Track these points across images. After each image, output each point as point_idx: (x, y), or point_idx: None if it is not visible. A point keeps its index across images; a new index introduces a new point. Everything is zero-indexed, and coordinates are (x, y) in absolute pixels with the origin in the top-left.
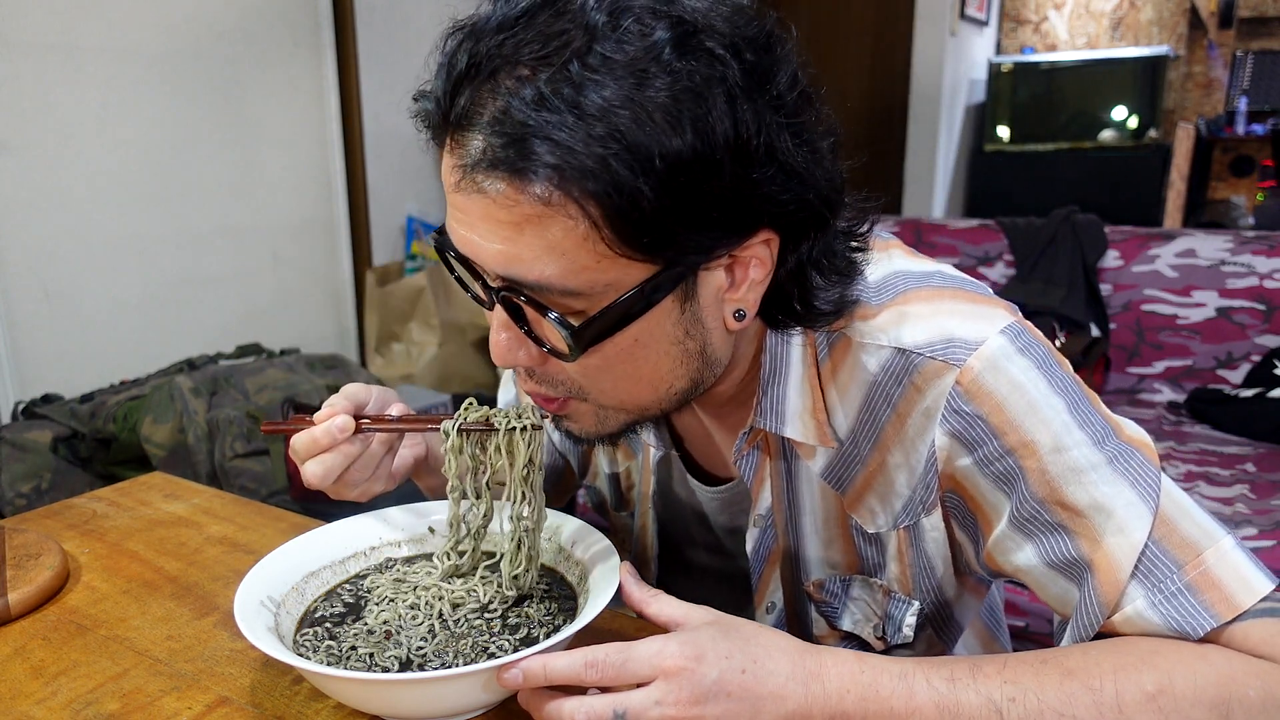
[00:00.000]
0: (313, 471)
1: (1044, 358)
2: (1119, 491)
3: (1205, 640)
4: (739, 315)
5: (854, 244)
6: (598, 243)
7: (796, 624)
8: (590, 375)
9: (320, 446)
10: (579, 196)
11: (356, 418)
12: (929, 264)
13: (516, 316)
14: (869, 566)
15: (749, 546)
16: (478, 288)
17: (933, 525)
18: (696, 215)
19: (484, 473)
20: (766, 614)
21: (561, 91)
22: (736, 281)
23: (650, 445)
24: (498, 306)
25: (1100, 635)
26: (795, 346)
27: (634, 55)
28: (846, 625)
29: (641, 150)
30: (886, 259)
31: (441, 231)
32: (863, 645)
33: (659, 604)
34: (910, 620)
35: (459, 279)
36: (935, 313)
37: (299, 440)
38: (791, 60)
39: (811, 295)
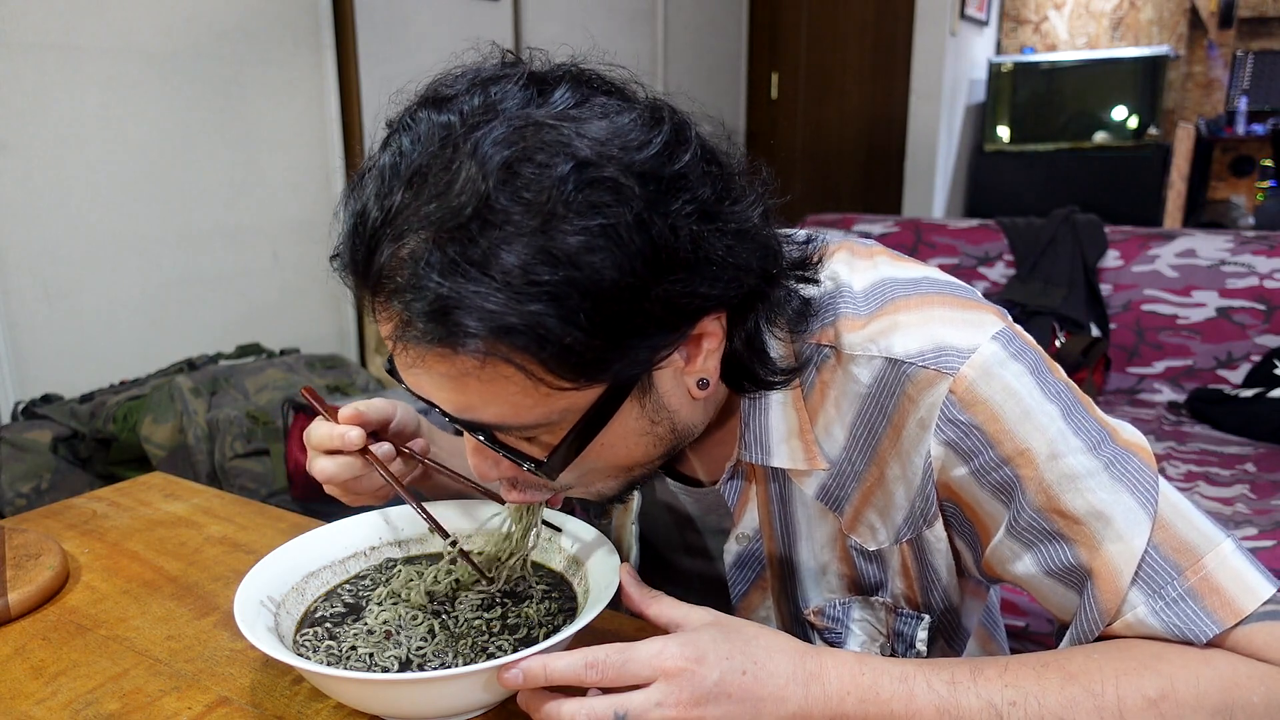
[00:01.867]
0: (320, 467)
1: (1036, 363)
2: (1117, 498)
3: (1209, 645)
4: (702, 384)
5: (805, 274)
6: (540, 385)
7: None
8: (569, 480)
9: (329, 446)
10: (510, 354)
11: (375, 434)
12: (916, 269)
13: (488, 441)
14: (868, 586)
15: (728, 560)
16: (442, 419)
17: (936, 537)
18: (633, 337)
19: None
20: None
21: (470, 255)
22: (691, 357)
23: None
24: (466, 434)
25: (1102, 640)
26: None
27: (536, 202)
28: (853, 648)
29: (563, 298)
30: (872, 267)
31: (393, 363)
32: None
33: (659, 605)
34: (923, 635)
35: (424, 400)
36: (925, 320)
37: (316, 429)
38: (699, 153)
39: (768, 358)
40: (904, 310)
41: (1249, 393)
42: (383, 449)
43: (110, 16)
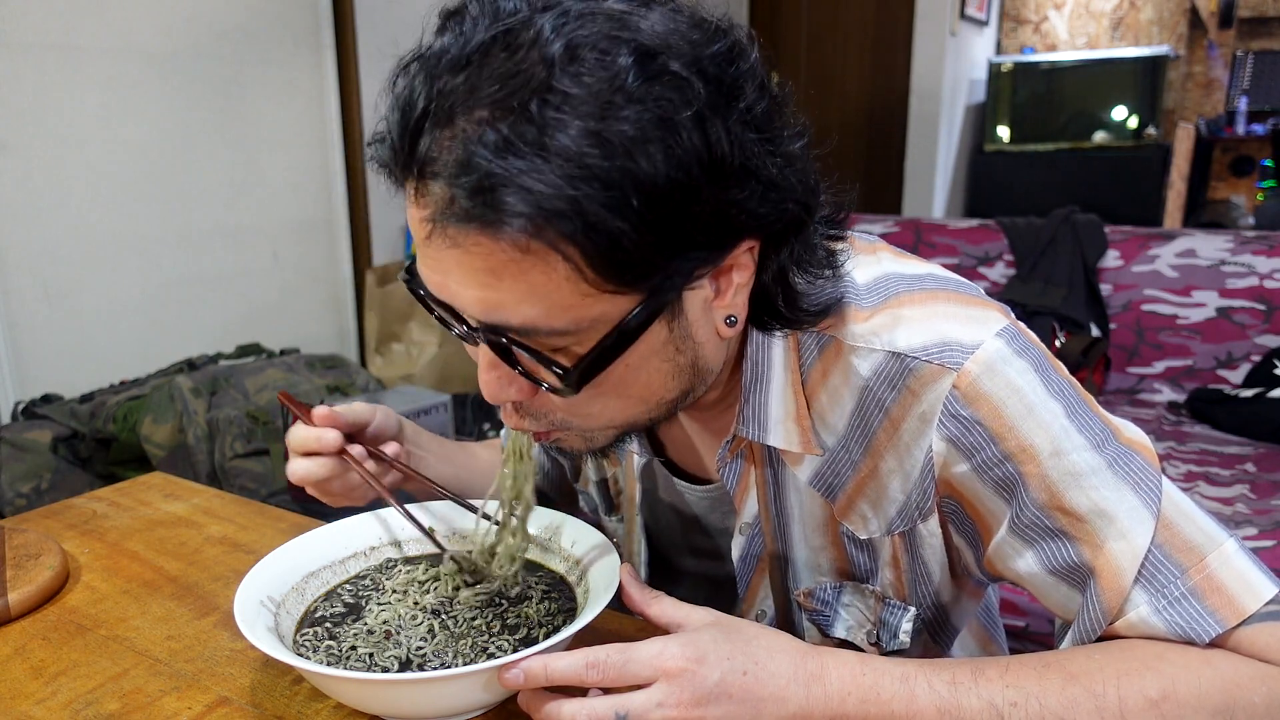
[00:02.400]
0: (294, 468)
1: (1040, 360)
2: (1120, 496)
3: (1211, 645)
4: (730, 321)
5: (831, 233)
6: (579, 282)
7: (788, 632)
8: (580, 404)
9: (306, 448)
10: (555, 241)
11: (351, 437)
12: (919, 265)
13: (505, 356)
14: (860, 573)
15: (735, 554)
16: (461, 329)
17: (930, 531)
18: (678, 242)
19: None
20: (757, 621)
21: (525, 134)
22: (722, 290)
23: (634, 452)
24: (483, 346)
25: (1103, 639)
26: (777, 351)
27: (596, 88)
28: (839, 633)
29: (615, 186)
30: (875, 261)
31: (412, 272)
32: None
33: (660, 605)
34: (907, 626)
35: (439, 318)
36: (930, 315)
37: (294, 432)
38: (757, 69)
39: (795, 295)
40: (908, 305)
41: (1249, 393)
42: (356, 451)
43: (110, 16)
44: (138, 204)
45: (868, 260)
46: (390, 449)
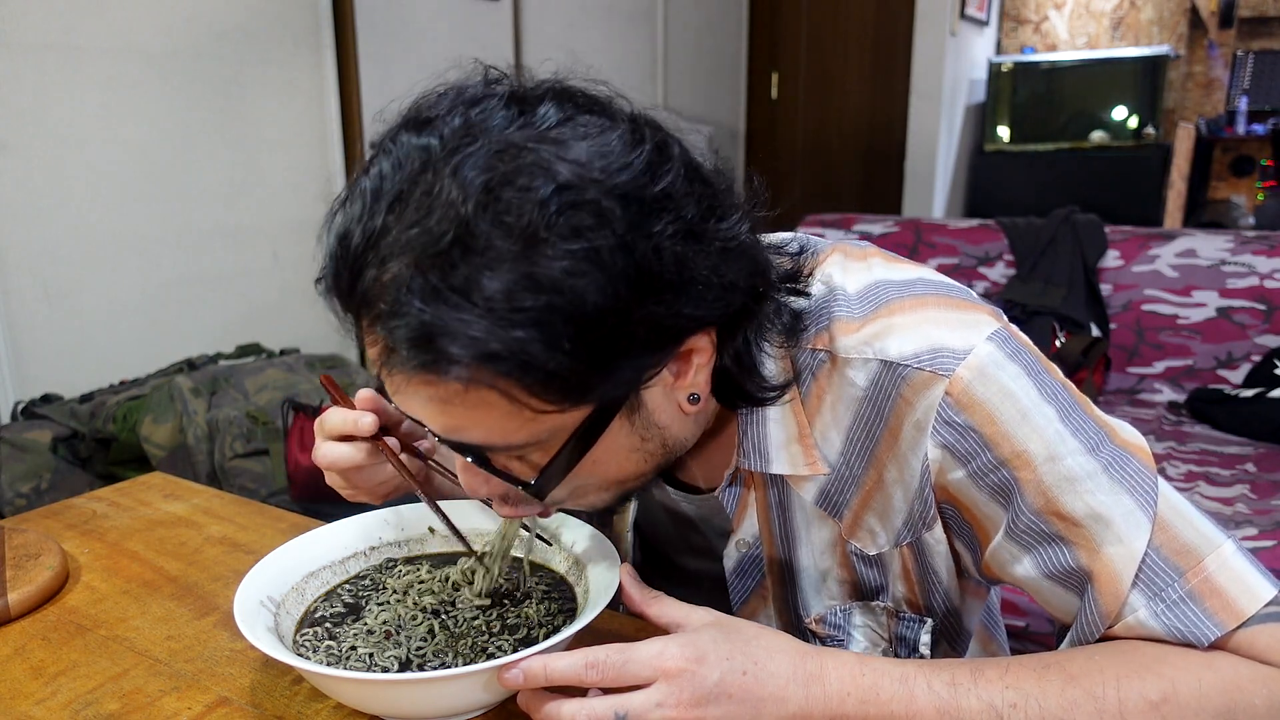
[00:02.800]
0: (326, 452)
1: (1032, 364)
2: (1116, 499)
3: (1211, 647)
4: (693, 399)
5: (796, 289)
6: (524, 409)
7: None
8: (558, 495)
9: (340, 431)
10: (493, 380)
11: (386, 430)
12: (910, 270)
13: (477, 463)
14: (869, 590)
15: (728, 566)
16: (433, 437)
17: (936, 539)
18: (618, 359)
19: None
20: None
21: (452, 282)
22: (682, 372)
23: None
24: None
25: (1103, 641)
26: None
27: (518, 227)
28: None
29: (546, 324)
30: (866, 269)
31: (382, 383)
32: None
33: (660, 605)
34: (926, 639)
35: (415, 421)
36: (920, 322)
37: (328, 415)
38: (683, 170)
39: (759, 374)
40: (898, 312)
41: (1249, 393)
42: (391, 442)
43: (110, 16)
44: (138, 204)
45: (858, 268)
46: (424, 445)
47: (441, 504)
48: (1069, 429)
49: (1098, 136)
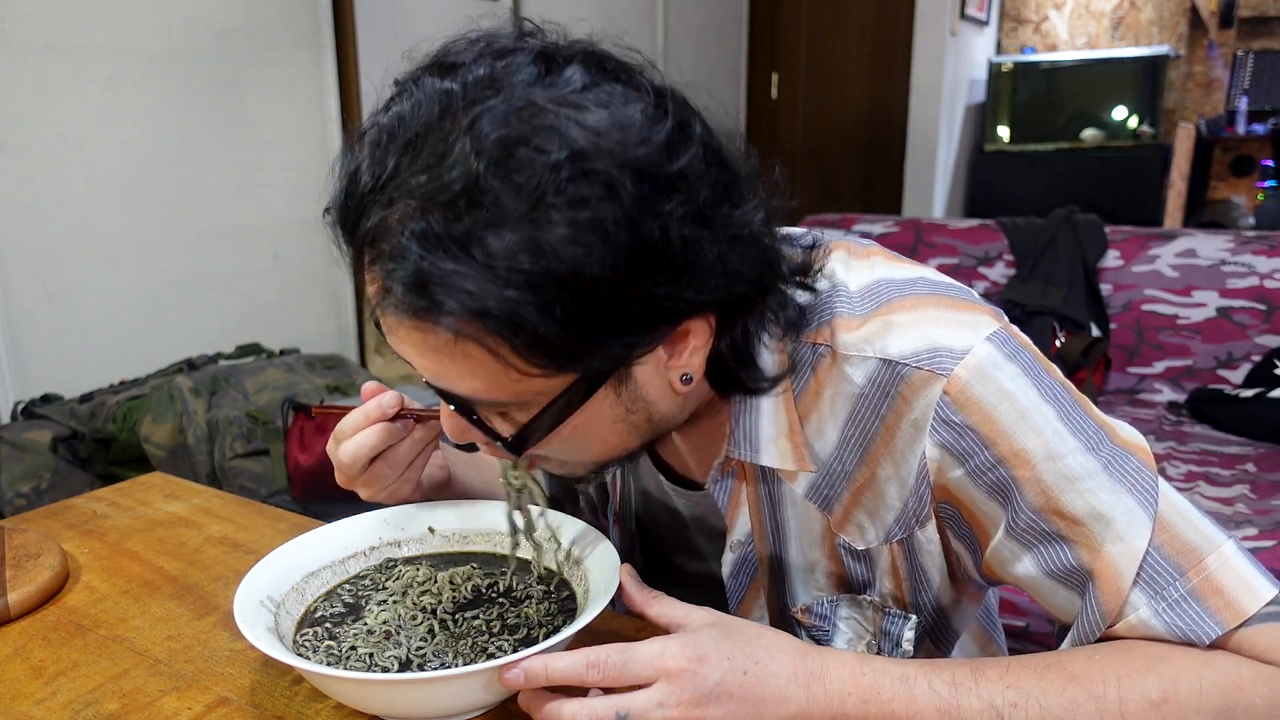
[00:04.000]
0: (347, 450)
1: (1031, 363)
2: (1117, 498)
3: (1211, 646)
4: (686, 380)
5: (804, 283)
6: (511, 370)
7: None
8: (538, 452)
9: (369, 420)
10: (482, 335)
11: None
12: (912, 269)
13: (460, 411)
14: (857, 584)
15: (725, 570)
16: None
17: (928, 538)
18: (609, 333)
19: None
20: None
21: (454, 233)
22: (677, 353)
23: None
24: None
25: (1103, 640)
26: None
27: (527, 188)
28: (840, 646)
29: (542, 289)
30: (868, 267)
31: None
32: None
33: (660, 605)
34: (909, 635)
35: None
36: (920, 321)
37: (350, 418)
38: (701, 152)
39: (754, 365)
40: (899, 311)
41: (1249, 393)
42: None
43: (110, 16)
44: (138, 204)
45: (861, 265)
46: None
47: (458, 503)
48: (1068, 428)
49: (1098, 136)
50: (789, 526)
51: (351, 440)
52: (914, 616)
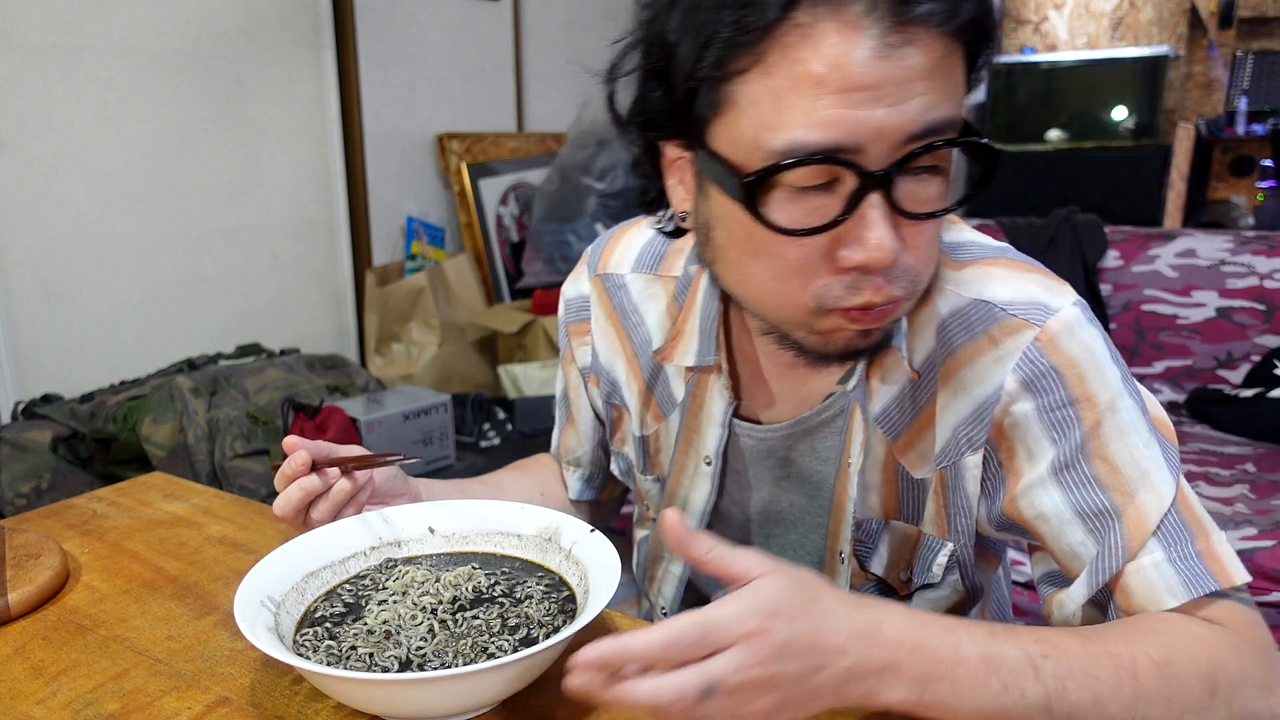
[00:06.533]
0: (278, 506)
1: (1104, 332)
2: (1154, 455)
3: (1199, 606)
4: None
5: None
6: (961, 84)
7: (831, 566)
8: (928, 249)
9: (286, 480)
10: (964, 30)
11: (314, 463)
12: (996, 241)
13: (930, 173)
14: (908, 512)
15: (850, 494)
16: (843, 193)
17: (975, 464)
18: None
19: None
20: (841, 563)
21: None
22: None
23: (718, 397)
24: (869, 203)
25: (1109, 595)
26: None
27: None
28: (876, 569)
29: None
30: (957, 229)
31: (755, 178)
32: (885, 587)
33: (719, 558)
34: (942, 560)
35: (784, 231)
36: (1019, 278)
37: (278, 477)
38: None
39: None
40: (999, 266)
41: (1249, 393)
42: (329, 470)
43: (110, 16)
44: (138, 204)
45: (950, 227)
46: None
47: (458, 503)
48: (1127, 389)
49: (1097, 137)
50: (854, 450)
51: (280, 497)
52: (949, 544)
